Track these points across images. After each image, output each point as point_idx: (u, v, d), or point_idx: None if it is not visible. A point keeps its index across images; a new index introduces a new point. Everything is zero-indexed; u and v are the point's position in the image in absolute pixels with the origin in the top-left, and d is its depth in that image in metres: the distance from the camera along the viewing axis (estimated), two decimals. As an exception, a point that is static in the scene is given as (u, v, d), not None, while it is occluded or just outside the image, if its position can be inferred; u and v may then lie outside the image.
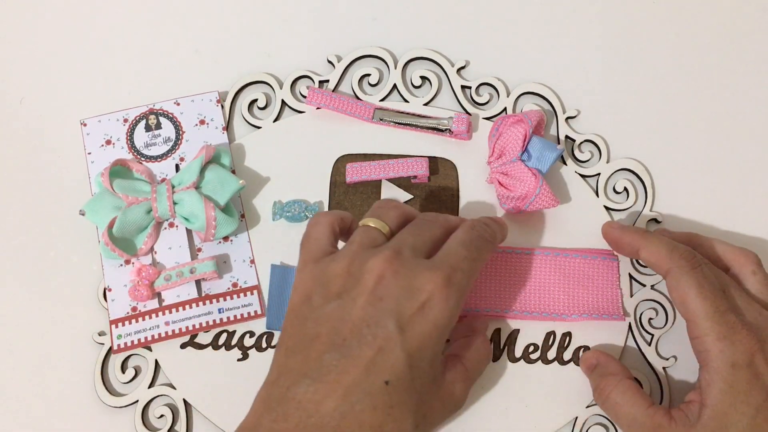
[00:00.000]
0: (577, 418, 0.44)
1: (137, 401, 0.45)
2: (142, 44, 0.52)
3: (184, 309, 0.46)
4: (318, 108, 0.50)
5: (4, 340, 0.47)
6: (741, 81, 0.51)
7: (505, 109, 0.50)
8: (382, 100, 0.50)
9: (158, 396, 0.45)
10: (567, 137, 0.49)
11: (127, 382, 0.45)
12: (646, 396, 0.41)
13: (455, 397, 0.39)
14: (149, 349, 0.46)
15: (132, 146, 0.49)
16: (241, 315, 0.46)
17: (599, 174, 0.49)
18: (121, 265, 0.47)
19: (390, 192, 0.48)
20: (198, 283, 0.46)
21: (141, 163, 0.48)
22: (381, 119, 0.49)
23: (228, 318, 0.46)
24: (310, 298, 0.37)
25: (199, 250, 0.47)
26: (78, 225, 0.47)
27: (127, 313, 0.46)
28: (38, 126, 0.51)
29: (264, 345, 0.45)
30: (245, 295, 0.46)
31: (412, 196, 0.48)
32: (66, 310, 0.47)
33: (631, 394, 0.41)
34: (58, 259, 0.48)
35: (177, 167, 0.49)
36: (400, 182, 0.48)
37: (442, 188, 0.48)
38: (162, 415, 0.45)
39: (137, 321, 0.46)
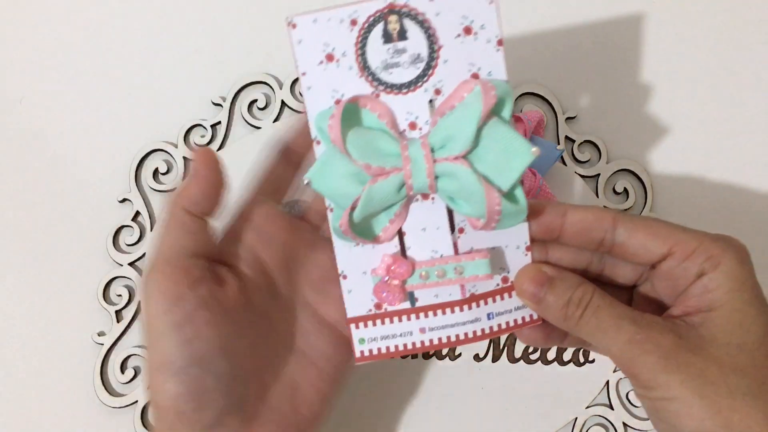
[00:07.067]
0: (576, 418, 0.44)
1: (137, 401, 0.45)
2: (142, 44, 0.52)
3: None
4: (318, 108, 0.50)
5: (4, 339, 0.47)
6: (740, 82, 0.51)
7: (504, 109, 0.50)
8: (382, 100, 0.50)
9: (158, 396, 0.45)
10: (567, 138, 0.49)
11: (127, 383, 0.45)
12: None
13: None
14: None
15: (364, 67, 0.31)
16: None
17: (599, 175, 0.49)
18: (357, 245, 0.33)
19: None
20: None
21: (378, 98, 0.31)
22: (381, 120, 0.49)
23: None
24: None
25: (461, 230, 0.33)
26: (78, 224, 0.48)
27: (370, 311, 0.34)
28: (38, 126, 0.51)
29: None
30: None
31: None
32: (66, 310, 0.47)
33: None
34: (58, 260, 0.48)
35: (431, 103, 0.31)
36: (400, 183, 0.48)
37: (442, 189, 0.48)
38: (161, 416, 0.45)
39: (383, 323, 0.34)
